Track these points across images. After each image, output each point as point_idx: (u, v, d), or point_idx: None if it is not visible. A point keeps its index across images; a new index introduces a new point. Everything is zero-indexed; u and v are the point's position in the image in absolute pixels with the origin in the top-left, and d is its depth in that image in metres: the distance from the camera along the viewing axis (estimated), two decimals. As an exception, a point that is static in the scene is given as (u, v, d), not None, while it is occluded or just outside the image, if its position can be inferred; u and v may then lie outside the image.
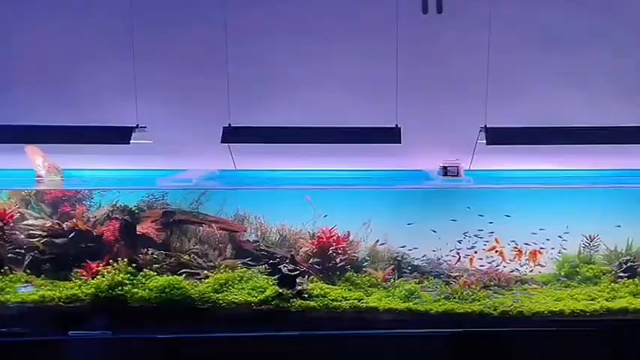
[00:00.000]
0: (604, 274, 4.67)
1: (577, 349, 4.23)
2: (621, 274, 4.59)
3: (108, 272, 4.41)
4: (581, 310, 4.32)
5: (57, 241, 4.56)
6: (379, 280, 4.62)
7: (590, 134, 4.55)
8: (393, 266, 4.73)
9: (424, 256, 4.75)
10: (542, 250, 4.67)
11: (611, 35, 4.83)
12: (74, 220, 4.61)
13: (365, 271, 4.69)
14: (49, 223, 4.62)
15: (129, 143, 4.43)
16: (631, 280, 4.55)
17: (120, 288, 4.34)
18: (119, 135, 4.46)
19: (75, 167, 4.89)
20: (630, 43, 4.81)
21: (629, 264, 4.61)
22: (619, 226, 4.71)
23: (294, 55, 4.89)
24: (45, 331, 4.25)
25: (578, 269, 4.71)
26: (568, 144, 4.61)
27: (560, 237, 4.70)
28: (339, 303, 4.36)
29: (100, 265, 4.48)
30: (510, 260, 4.68)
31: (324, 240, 4.71)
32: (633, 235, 4.77)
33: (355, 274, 4.65)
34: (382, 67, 4.73)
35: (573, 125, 4.58)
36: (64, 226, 4.59)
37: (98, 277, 4.41)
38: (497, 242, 4.65)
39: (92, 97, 4.86)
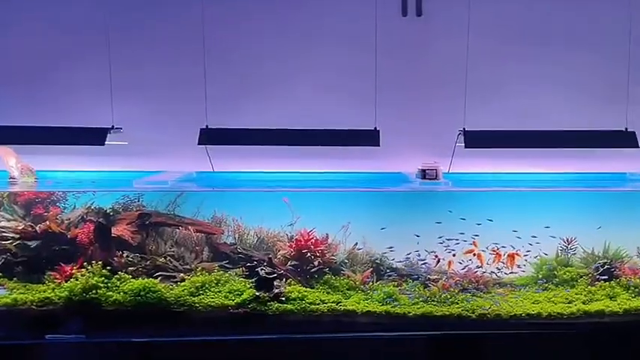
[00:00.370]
0: (581, 276, 4.69)
1: (554, 352, 4.24)
2: (598, 277, 4.61)
3: (82, 275, 4.34)
4: (558, 313, 4.33)
5: (30, 243, 4.48)
6: (358, 283, 4.60)
7: (568, 137, 4.57)
8: (371, 269, 4.71)
9: (406, 257, 4.73)
10: (519, 253, 4.67)
11: (589, 37, 4.87)
12: (47, 222, 4.54)
13: (343, 274, 4.67)
14: (21, 226, 4.54)
15: (104, 144, 4.36)
16: (608, 283, 4.57)
17: (94, 291, 4.27)
18: (94, 136, 4.38)
19: (49, 168, 4.80)
20: (609, 46, 4.84)
21: (606, 267, 4.63)
22: (600, 227, 4.75)
23: (272, 57, 4.86)
24: (17, 335, 4.16)
25: (555, 272, 4.72)
26: (546, 147, 4.64)
27: (533, 238, 4.70)
28: (317, 306, 4.33)
29: (74, 268, 4.41)
30: (488, 263, 4.67)
31: (303, 243, 4.68)
32: (610, 238, 4.79)
33: (333, 277, 4.62)
34: (361, 70, 4.71)
35: (552, 128, 4.60)
36: (38, 228, 4.51)
37: (72, 280, 4.33)
38: (475, 245, 4.65)
39: (67, 97, 4.79)
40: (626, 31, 4.68)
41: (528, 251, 4.71)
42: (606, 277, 4.60)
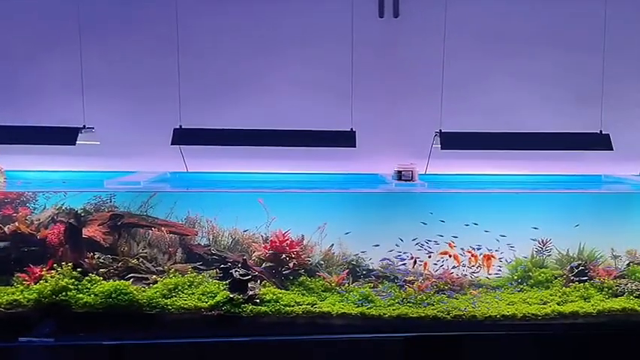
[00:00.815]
0: (556, 277, 4.70)
1: (529, 353, 4.24)
2: (573, 278, 4.62)
3: (52, 277, 4.25)
4: (532, 314, 4.33)
5: (-2, 244, 4.39)
6: (333, 284, 4.56)
7: (544, 140, 4.61)
8: (347, 270, 4.68)
9: (383, 259, 4.71)
10: (494, 255, 4.67)
11: (565, 40, 4.91)
12: (16, 223, 4.44)
13: (319, 276, 4.63)
14: (-11, 227, 4.45)
15: (75, 144, 4.29)
16: (582, 285, 4.58)
17: (64, 293, 4.18)
18: (65, 136, 4.32)
19: (18, 169, 4.72)
20: (584, 49, 4.87)
21: (580, 268, 4.64)
22: (577, 225, 4.76)
23: (248, 57, 4.83)
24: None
25: (530, 273, 4.73)
26: (522, 149, 4.65)
27: (509, 239, 4.71)
28: (292, 308, 4.28)
29: (44, 269, 4.31)
30: (464, 265, 4.66)
31: (277, 244, 4.63)
32: (585, 239, 4.81)
33: (309, 279, 4.58)
34: (337, 70, 4.70)
35: (527, 130, 4.62)
36: (6, 229, 4.41)
37: (41, 282, 4.24)
38: (450, 247, 4.64)
39: (37, 96, 4.72)
40: (600, 34, 4.71)
41: (503, 253, 4.71)
42: (580, 278, 4.61)
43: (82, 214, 4.61)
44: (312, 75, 4.86)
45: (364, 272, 4.73)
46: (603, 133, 4.59)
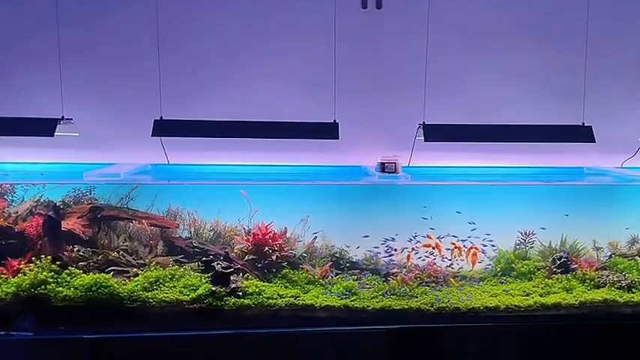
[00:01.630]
0: (538, 269, 4.72)
1: (512, 344, 4.25)
2: (555, 270, 4.64)
3: (30, 270, 4.17)
4: (516, 306, 4.33)
5: (-25, 237, 4.31)
6: (317, 277, 4.53)
7: (527, 132, 4.61)
8: (330, 262, 4.65)
9: (366, 251, 4.71)
10: (478, 247, 4.68)
11: (547, 33, 4.92)
12: (-6, 215, 4.37)
13: (302, 268, 4.60)
14: (-34, 219, 4.36)
15: (53, 135, 4.21)
16: (564, 276, 4.59)
17: (43, 287, 4.11)
18: (43, 127, 4.24)
19: (-5, 160, 4.65)
20: (566, 42, 4.88)
21: (562, 260, 4.66)
22: (567, 215, 4.78)
23: (229, 48, 4.78)
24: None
25: (513, 265, 4.74)
26: (505, 141, 4.64)
27: (492, 231, 4.72)
28: (275, 301, 4.25)
29: (22, 262, 4.24)
30: (448, 258, 4.66)
31: (260, 236, 4.59)
32: (567, 231, 4.83)
33: (292, 271, 4.55)
34: (320, 62, 4.66)
35: (510, 122, 4.62)
36: (-17, 222, 4.34)
37: (19, 275, 4.17)
38: (430, 238, 4.64)
39: (14, 87, 4.63)
40: (583, 27, 4.72)
41: (486, 244, 4.71)
42: (562, 269, 4.62)
43: (61, 207, 4.54)
44: (294, 66, 4.82)
45: (347, 265, 4.71)
46: (585, 125, 4.60)
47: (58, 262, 4.23)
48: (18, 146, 4.60)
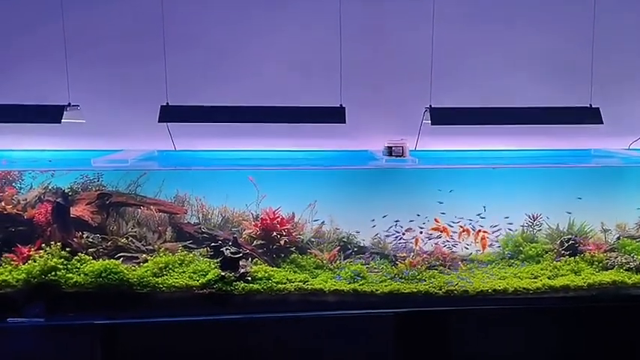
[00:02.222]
0: (546, 252, 4.72)
1: (521, 327, 4.26)
2: (563, 253, 4.64)
3: (40, 257, 4.19)
4: (524, 289, 4.34)
5: (-16, 224, 4.32)
6: (325, 261, 4.54)
7: (533, 114, 4.57)
8: (338, 247, 4.66)
9: (375, 235, 4.72)
10: (487, 230, 4.68)
11: (554, 15, 4.87)
12: (2, 203, 4.37)
13: (310, 253, 4.61)
14: (-25, 207, 4.37)
15: (60, 122, 4.20)
16: (572, 259, 4.60)
17: (53, 273, 4.13)
18: (49, 114, 4.21)
19: (3, 148, 4.63)
20: (573, 22, 4.85)
21: (570, 242, 4.66)
22: (580, 198, 4.78)
23: (235, 33, 4.75)
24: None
25: (521, 248, 4.74)
26: (512, 124, 4.63)
27: (500, 214, 4.71)
28: (284, 285, 4.26)
29: (32, 249, 4.26)
30: (458, 241, 4.66)
31: (268, 222, 4.60)
32: (575, 213, 4.82)
33: (300, 256, 4.56)
34: (326, 46, 4.62)
35: (517, 105, 4.60)
36: (-8, 209, 4.35)
37: (30, 262, 4.19)
38: (437, 222, 4.64)
39: (20, 74, 4.60)
40: (590, 8, 4.68)
41: (495, 226, 4.72)
42: (571, 252, 4.63)
43: (70, 194, 4.55)
44: (300, 51, 4.79)
45: (355, 249, 4.72)
46: (593, 106, 4.58)
47: (67, 249, 4.24)
48: (25, 134, 4.59)
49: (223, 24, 4.73)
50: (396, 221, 4.65)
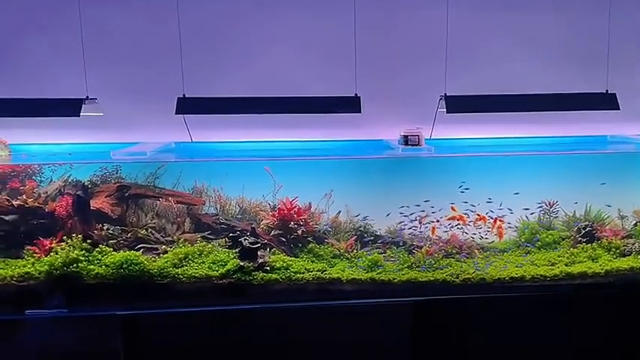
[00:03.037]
0: (563, 239, 4.73)
1: (538, 314, 4.28)
2: (580, 239, 4.65)
3: (62, 249, 4.25)
4: (541, 276, 4.36)
5: (6, 218, 4.37)
6: (342, 250, 4.58)
7: (549, 101, 4.55)
8: (355, 237, 4.69)
9: (390, 224, 4.74)
10: (502, 219, 4.69)
11: (571, 2, 4.84)
12: (24, 196, 4.43)
13: (327, 243, 4.64)
14: (-3, 200, 4.43)
15: (79, 116, 4.23)
16: (589, 245, 4.60)
17: (75, 265, 4.19)
18: (69, 107, 4.24)
19: (22, 142, 4.68)
20: (589, 7, 4.82)
21: (587, 229, 4.66)
22: (604, 183, 4.76)
23: (249, 23, 4.75)
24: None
25: (538, 235, 4.75)
26: (528, 111, 4.61)
27: (516, 202, 4.71)
28: (302, 275, 4.30)
29: (54, 242, 4.32)
30: (476, 227, 4.67)
31: (285, 212, 4.63)
32: (592, 200, 4.82)
33: (318, 246, 4.60)
34: (340, 36, 4.62)
35: (532, 92, 4.58)
36: (14, 202, 4.40)
37: (52, 254, 4.25)
38: (453, 210, 4.65)
39: (38, 68, 4.64)
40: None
41: (510, 214, 4.72)
42: (588, 239, 4.63)
43: (89, 186, 4.61)
44: (315, 41, 4.79)
45: (372, 238, 4.74)
46: (609, 92, 4.56)
47: (88, 241, 4.30)
48: (42, 127, 4.63)
49: (238, 14, 4.73)
50: (414, 210, 4.66)
